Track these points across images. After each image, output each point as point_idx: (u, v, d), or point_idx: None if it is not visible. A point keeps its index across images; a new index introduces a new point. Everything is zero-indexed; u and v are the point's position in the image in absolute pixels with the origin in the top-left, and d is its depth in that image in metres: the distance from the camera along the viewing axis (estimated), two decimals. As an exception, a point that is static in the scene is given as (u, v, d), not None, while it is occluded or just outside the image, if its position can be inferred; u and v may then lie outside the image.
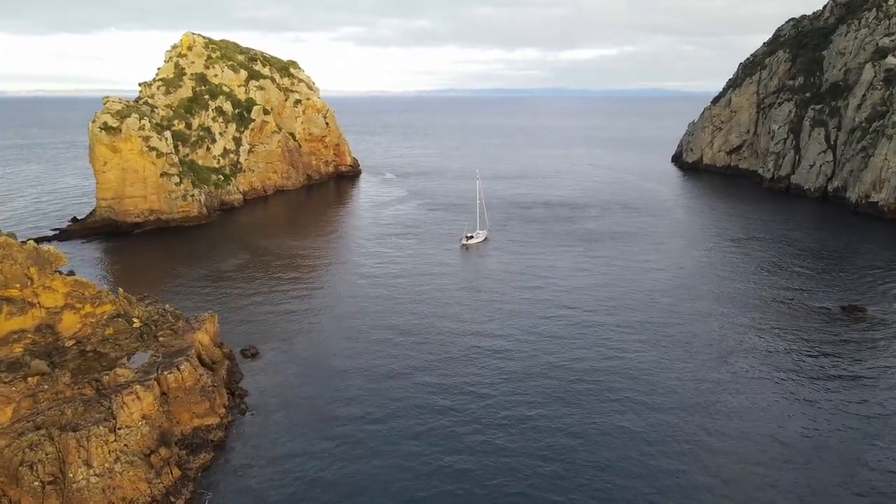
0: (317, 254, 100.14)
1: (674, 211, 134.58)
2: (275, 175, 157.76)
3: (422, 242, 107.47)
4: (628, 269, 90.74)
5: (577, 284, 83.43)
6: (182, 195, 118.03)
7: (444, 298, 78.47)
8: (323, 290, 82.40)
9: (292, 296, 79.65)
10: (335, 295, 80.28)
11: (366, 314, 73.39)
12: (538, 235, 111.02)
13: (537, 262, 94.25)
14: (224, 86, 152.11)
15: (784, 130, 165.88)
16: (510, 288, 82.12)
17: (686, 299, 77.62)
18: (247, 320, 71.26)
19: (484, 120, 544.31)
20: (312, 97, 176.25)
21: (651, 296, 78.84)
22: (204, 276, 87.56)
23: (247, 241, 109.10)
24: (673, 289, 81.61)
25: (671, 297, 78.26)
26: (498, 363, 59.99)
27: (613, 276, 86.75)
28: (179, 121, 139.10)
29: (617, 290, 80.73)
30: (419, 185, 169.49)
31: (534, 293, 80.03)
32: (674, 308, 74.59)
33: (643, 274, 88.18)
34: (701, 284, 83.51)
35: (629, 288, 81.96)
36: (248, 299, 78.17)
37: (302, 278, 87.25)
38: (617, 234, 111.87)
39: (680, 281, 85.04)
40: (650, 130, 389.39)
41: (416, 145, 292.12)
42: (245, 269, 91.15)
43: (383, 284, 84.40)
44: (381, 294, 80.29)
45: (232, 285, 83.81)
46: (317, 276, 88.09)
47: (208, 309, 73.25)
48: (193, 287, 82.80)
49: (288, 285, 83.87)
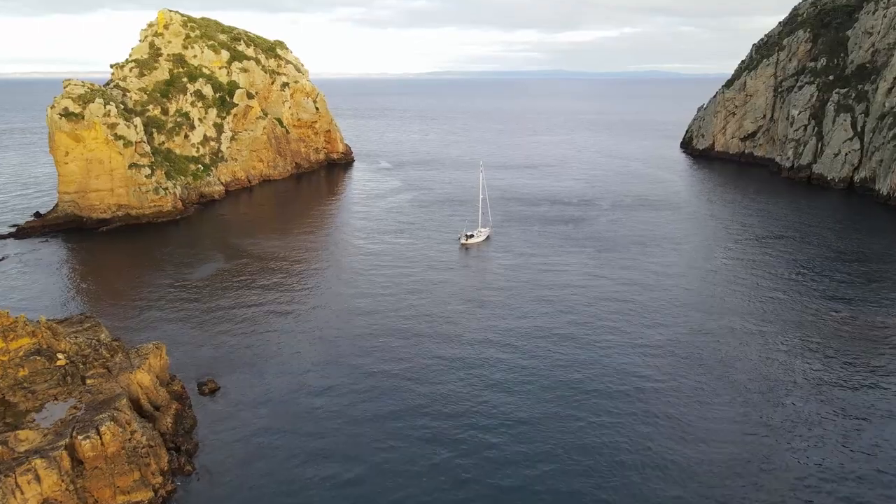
0: (300, 256, 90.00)
1: (688, 204, 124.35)
2: (260, 164, 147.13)
3: (417, 242, 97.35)
4: (647, 274, 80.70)
5: (592, 294, 73.39)
6: (153, 188, 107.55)
7: (441, 315, 68.43)
8: (304, 303, 72.36)
9: (268, 311, 69.61)
10: (317, 309, 70.26)
11: (350, 335, 63.44)
12: (544, 234, 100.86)
13: (545, 266, 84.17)
14: (204, 67, 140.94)
15: (805, 116, 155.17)
16: (515, 301, 72.06)
17: (715, 313, 67.70)
18: (211, 342, 61.30)
19: (483, 103, 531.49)
20: (301, 80, 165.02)
21: (675, 309, 68.90)
22: (169, 286, 77.43)
23: (223, 240, 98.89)
24: (699, 300, 71.65)
25: (698, 311, 68.32)
26: (503, 398, 50.18)
27: (631, 284, 76.71)
28: (154, 106, 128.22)
29: (636, 302, 70.72)
30: (415, 174, 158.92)
31: (542, 306, 70.02)
32: (703, 325, 64.67)
33: (664, 281, 78.20)
34: (730, 294, 73.56)
35: (649, 298, 71.99)
36: (215, 316, 68.11)
37: (281, 287, 77.20)
38: (631, 232, 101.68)
39: (705, 289, 75.06)
40: (654, 114, 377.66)
41: (412, 130, 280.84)
42: (216, 277, 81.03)
43: (372, 295, 74.36)
44: (369, 309, 70.25)
45: (199, 297, 73.72)
46: (297, 286, 78.02)
47: (166, 329, 63.39)
48: (153, 300, 72.68)
49: (263, 297, 73.81)
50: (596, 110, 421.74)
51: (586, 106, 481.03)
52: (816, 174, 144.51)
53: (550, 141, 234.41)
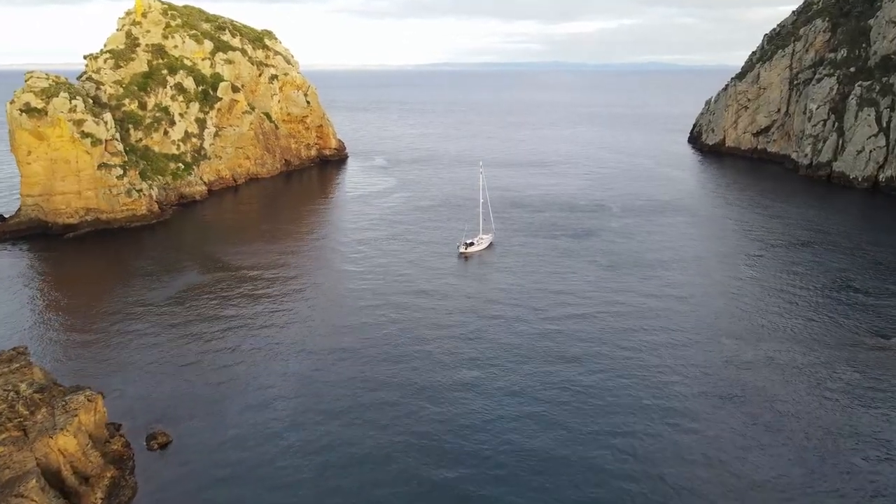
0: (282, 268, 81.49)
1: (704, 206, 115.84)
2: (247, 161, 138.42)
3: (412, 249, 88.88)
4: (667, 293, 72.21)
5: (608, 319, 64.90)
6: (126, 190, 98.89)
7: (436, 344, 60.00)
8: (281, 326, 63.91)
9: (240, 336, 61.16)
10: (296, 334, 61.82)
11: (331, 366, 55.06)
12: (551, 244, 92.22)
13: (552, 283, 75.65)
14: (185, 59, 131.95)
15: (824, 110, 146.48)
16: (522, 327, 63.61)
17: (750, 339, 59.34)
18: (172, 378, 52.88)
19: (482, 95, 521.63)
20: (291, 72, 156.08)
21: (703, 335, 60.53)
22: (133, 304, 68.94)
23: (200, 248, 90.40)
24: (729, 323, 63.25)
25: (730, 336, 59.97)
26: (511, 440, 41.92)
27: (651, 305, 68.24)
28: (131, 100, 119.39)
29: (659, 328, 62.28)
30: (412, 172, 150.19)
31: (553, 326, 61.63)
32: (738, 354, 56.32)
33: (687, 300, 69.77)
34: (763, 315, 65.18)
35: (673, 322, 63.58)
36: (180, 343, 59.67)
37: (257, 307, 68.74)
38: (646, 242, 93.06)
39: (735, 310, 66.66)
40: (657, 106, 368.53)
41: (410, 124, 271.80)
42: (187, 293, 72.53)
43: (359, 313, 65.90)
44: (356, 332, 61.78)
45: (164, 319, 65.25)
46: (276, 305, 69.55)
47: (121, 362, 55.00)
48: (111, 323, 64.12)
49: (237, 320, 65.33)
50: (598, 103, 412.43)
51: (588, 98, 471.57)
52: (837, 172, 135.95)
53: (554, 135, 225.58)
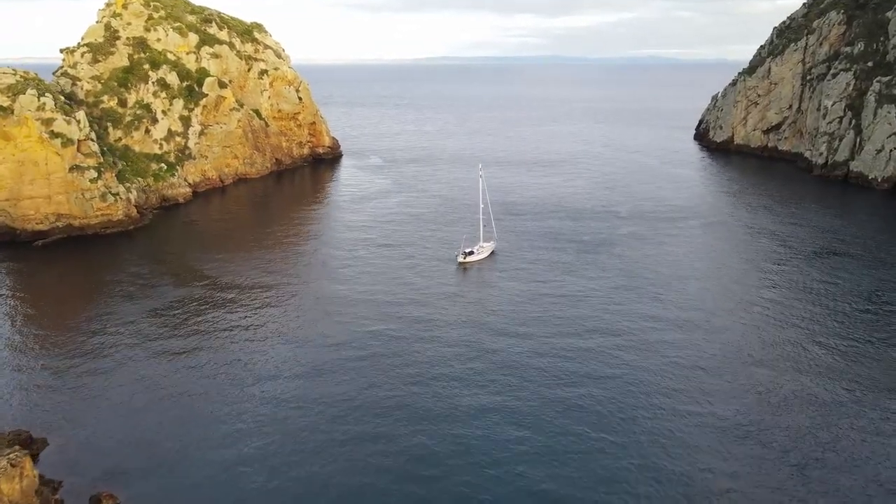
0: (265, 281, 74.89)
1: (716, 211, 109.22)
2: (235, 161, 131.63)
3: (407, 258, 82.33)
4: (687, 312, 65.80)
5: (624, 345, 58.46)
6: (100, 194, 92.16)
7: (431, 373, 53.49)
8: (257, 353, 57.33)
9: (214, 367, 54.57)
10: (274, 363, 55.25)
11: (312, 397, 48.56)
12: (557, 254, 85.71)
13: (561, 298, 69.16)
14: (169, 53, 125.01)
15: (840, 107, 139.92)
16: (529, 350, 57.15)
17: (786, 370, 52.82)
18: (128, 423, 46.35)
19: (482, 90, 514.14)
20: (282, 67, 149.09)
21: (732, 365, 54.00)
22: (95, 326, 62.32)
23: (179, 257, 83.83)
24: (760, 350, 56.69)
25: (762, 366, 53.49)
26: (518, 486, 35.57)
27: (670, 329, 61.76)
28: (110, 97, 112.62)
29: (683, 359, 55.73)
30: (408, 172, 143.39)
31: (562, 357, 55.20)
32: (775, 389, 49.84)
33: (709, 321, 63.30)
34: (796, 340, 58.67)
35: (698, 350, 57.07)
36: (141, 379, 52.97)
37: (234, 329, 62.18)
38: (657, 253, 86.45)
39: (763, 333, 60.15)
40: (659, 101, 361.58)
41: (407, 120, 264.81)
42: (158, 314, 65.89)
43: (345, 335, 59.36)
44: (340, 362, 55.24)
45: (129, 347, 58.64)
46: (254, 327, 62.98)
47: (69, 407, 48.43)
48: (67, 353, 57.43)
49: (211, 345, 58.76)
50: (599, 98, 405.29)
51: (589, 93, 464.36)
52: (855, 172, 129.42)
53: (556, 132, 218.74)
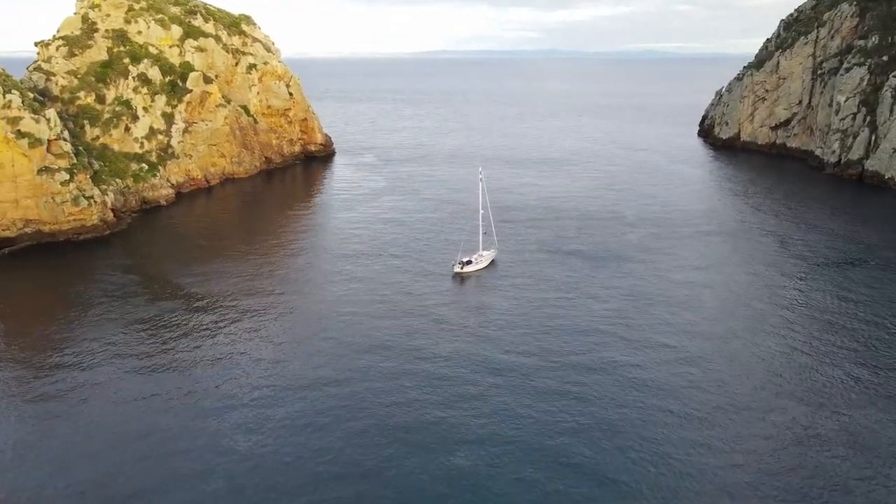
0: (248, 297, 69.02)
1: (728, 214, 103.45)
2: (221, 160, 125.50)
3: (399, 268, 76.53)
4: (707, 332, 60.22)
5: (640, 373, 52.84)
6: (72, 197, 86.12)
7: (420, 417, 47.83)
8: (231, 383, 51.55)
9: (183, 401, 48.77)
10: (251, 393, 49.48)
11: (286, 437, 42.84)
12: (562, 264, 79.84)
13: (566, 314, 63.47)
14: (151, 46, 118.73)
15: (853, 103, 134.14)
16: (526, 380, 51.47)
17: (824, 406, 47.03)
18: (81, 466, 40.61)
19: (479, 84, 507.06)
20: (271, 61, 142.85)
21: (760, 395, 48.45)
22: (56, 347, 56.44)
23: (155, 266, 77.89)
24: (789, 378, 51.00)
25: (798, 401, 47.71)
26: None
27: (691, 350, 56.15)
28: (87, 92, 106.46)
29: (705, 386, 50.20)
30: (404, 172, 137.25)
31: (570, 384, 49.57)
32: (810, 427, 44.22)
33: (732, 345, 57.76)
34: (828, 367, 52.98)
35: (722, 377, 51.53)
36: (102, 416, 47.22)
37: (212, 350, 56.39)
38: (671, 262, 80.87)
39: (793, 360, 54.41)
40: (660, 96, 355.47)
41: (404, 115, 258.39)
42: (124, 336, 59.99)
43: (325, 359, 53.63)
44: (316, 391, 49.50)
45: (92, 372, 52.81)
46: (232, 351, 57.19)
47: (14, 443, 42.61)
48: (20, 381, 51.56)
49: (181, 370, 52.95)
50: (599, 92, 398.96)
51: (588, 87, 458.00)
52: (870, 172, 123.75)
53: (556, 128, 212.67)
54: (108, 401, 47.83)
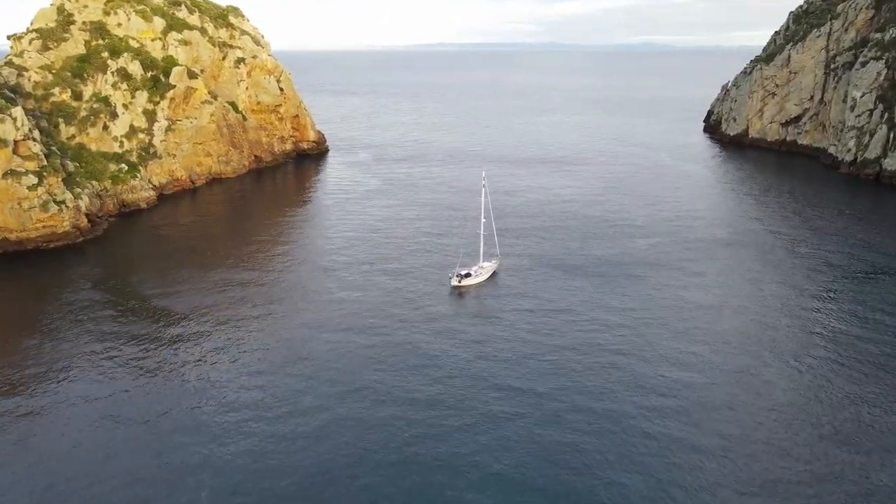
0: (229, 310, 63.15)
1: (742, 220, 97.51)
2: (207, 159, 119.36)
3: (392, 281, 70.59)
4: (732, 360, 54.54)
5: (668, 401, 47.13)
6: (41, 203, 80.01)
7: (405, 462, 42.08)
8: (208, 406, 45.72)
9: (149, 431, 42.94)
10: (218, 425, 43.66)
11: (259, 480, 37.08)
12: (568, 277, 73.91)
13: (578, 338, 57.71)
14: (131, 39, 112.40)
15: (870, 99, 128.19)
16: (529, 421, 45.73)
17: (875, 449, 41.55)
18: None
19: (477, 78, 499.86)
20: (261, 55, 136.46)
21: (805, 440, 42.78)
22: (13, 371, 50.49)
23: (132, 278, 71.88)
24: (834, 414, 45.38)
25: (843, 443, 42.13)
26: None
27: (715, 380, 50.45)
28: (62, 89, 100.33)
29: (739, 424, 44.51)
30: (400, 171, 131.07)
31: (582, 421, 43.87)
32: (872, 482, 38.63)
33: (763, 372, 52.08)
34: (874, 401, 47.46)
35: (754, 417, 45.82)
36: (55, 461, 41.39)
37: (185, 373, 50.51)
38: (685, 277, 74.87)
39: (835, 393, 48.89)
40: (661, 90, 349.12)
41: (401, 110, 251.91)
42: (90, 355, 54.11)
43: (304, 388, 47.81)
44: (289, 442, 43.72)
45: (47, 400, 46.91)
46: (210, 373, 51.34)
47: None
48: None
49: (150, 393, 47.05)
50: (600, 86, 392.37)
51: (588, 81, 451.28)
52: (889, 171, 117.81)
53: (558, 123, 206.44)
54: (62, 425, 42.04)
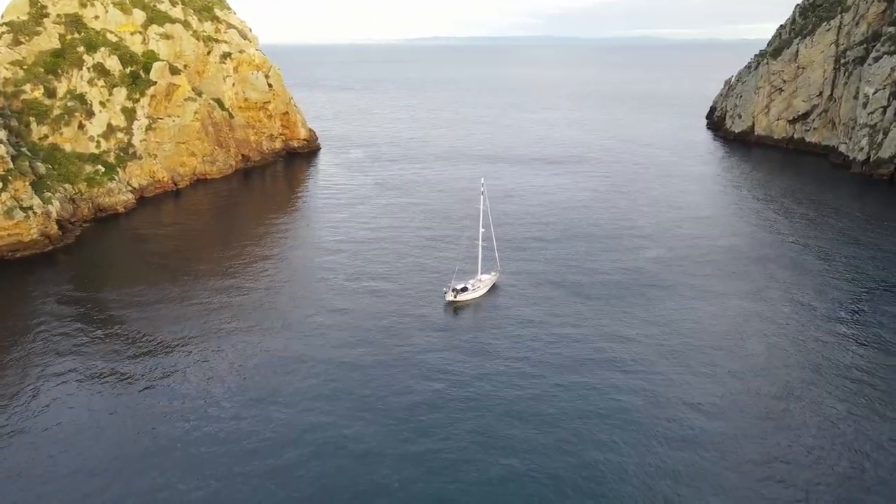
0: (197, 334, 57.77)
1: (755, 226, 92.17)
2: (192, 159, 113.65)
3: (382, 295, 65.30)
4: (760, 390, 49.49)
5: (687, 449, 42.03)
6: (5, 210, 74.44)
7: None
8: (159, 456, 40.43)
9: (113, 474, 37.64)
10: (187, 461, 38.39)
11: None
12: (570, 294, 68.49)
13: (586, 367, 52.55)
14: (109, 33, 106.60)
15: (883, 96, 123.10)
16: (543, 465, 40.60)
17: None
18: None
19: (475, 71, 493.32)
20: (248, 49, 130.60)
21: (849, 493, 37.82)
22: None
23: (95, 295, 66.37)
24: (881, 463, 40.50)
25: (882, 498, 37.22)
26: None
27: (741, 419, 45.39)
28: (34, 85, 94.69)
29: (774, 476, 39.49)
30: (394, 171, 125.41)
31: (593, 466, 38.77)
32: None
33: (793, 408, 47.06)
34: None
35: (790, 467, 40.84)
36: None
37: (155, 396, 45.13)
38: (699, 296, 69.43)
39: (882, 431, 43.96)
40: (660, 84, 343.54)
41: (397, 106, 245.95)
42: (54, 377, 48.72)
43: (281, 418, 42.58)
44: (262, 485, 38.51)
45: None
46: (164, 410, 45.97)
47: None
48: None
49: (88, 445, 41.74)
50: (598, 80, 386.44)
51: (586, 75, 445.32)
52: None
53: (558, 119, 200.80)
54: (23, 449, 36.76)
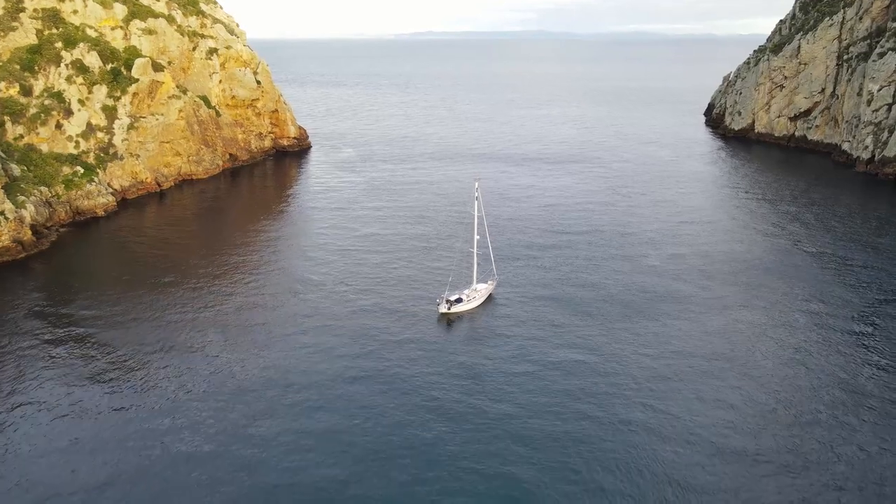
0: (171, 350, 54.03)
1: (759, 228, 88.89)
2: (176, 159, 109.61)
3: (370, 307, 61.65)
4: (786, 419, 46.19)
5: (703, 487, 38.66)
6: (-25, 216, 70.55)
7: None
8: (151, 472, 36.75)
9: None
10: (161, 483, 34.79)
11: None
12: (573, 304, 65.22)
13: (587, 389, 49.12)
14: (89, 28, 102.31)
15: (888, 93, 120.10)
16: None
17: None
18: None
19: (469, 67, 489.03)
20: (235, 45, 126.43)
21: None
22: None
23: (68, 307, 62.51)
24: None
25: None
26: None
27: (765, 456, 42.10)
28: (9, 83, 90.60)
29: None
30: (385, 172, 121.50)
31: None
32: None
33: (816, 428, 43.78)
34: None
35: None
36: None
37: (128, 418, 41.43)
38: (706, 309, 66.19)
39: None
40: (658, 80, 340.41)
41: (388, 102, 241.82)
42: (23, 394, 44.93)
43: (258, 442, 39.03)
44: None
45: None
46: (132, 439, 42.28)
47: None
48: None
49: (91, 457, 38.02)
50: (594, 76, 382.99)
51: (582, 70, 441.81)
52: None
53: (555, 116, 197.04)
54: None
